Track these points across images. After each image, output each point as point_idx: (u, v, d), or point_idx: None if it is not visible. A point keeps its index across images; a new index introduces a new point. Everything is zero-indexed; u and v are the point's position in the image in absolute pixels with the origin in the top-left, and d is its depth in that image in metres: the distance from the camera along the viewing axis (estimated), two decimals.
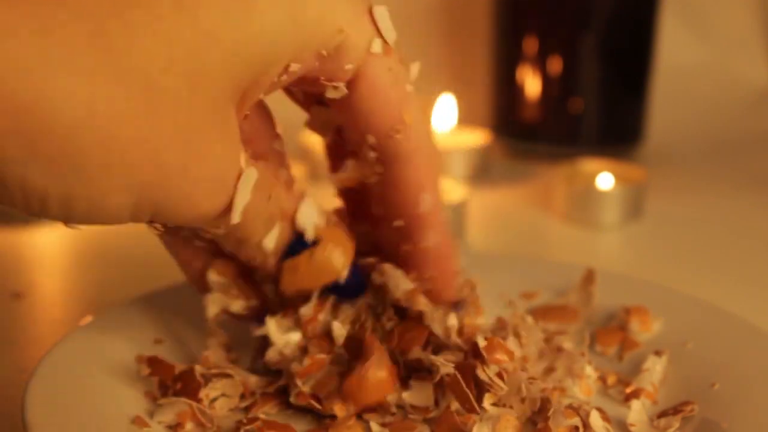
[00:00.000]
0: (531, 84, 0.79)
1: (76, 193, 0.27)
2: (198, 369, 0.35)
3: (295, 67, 0.31)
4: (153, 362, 0.36)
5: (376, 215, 0.37)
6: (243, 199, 0.31)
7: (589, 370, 0.38)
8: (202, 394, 0.35)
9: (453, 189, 0.63)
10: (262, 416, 0.35)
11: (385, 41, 0.33)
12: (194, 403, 0.34)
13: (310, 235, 0.34)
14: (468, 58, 0.94)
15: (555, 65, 0.78)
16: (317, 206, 0.35)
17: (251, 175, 0.31)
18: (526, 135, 0.81)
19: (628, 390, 0.38)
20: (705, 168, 0.80)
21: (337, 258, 0.35)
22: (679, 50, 0.95)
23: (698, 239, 0.63)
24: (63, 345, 0.37)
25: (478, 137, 0.76)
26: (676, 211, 0.69)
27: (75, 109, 0.26)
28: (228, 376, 0.36)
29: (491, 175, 0.75)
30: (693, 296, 0.44)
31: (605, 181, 0.65)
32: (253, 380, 0.37)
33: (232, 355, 0.39)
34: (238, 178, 0.31)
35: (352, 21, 0.32)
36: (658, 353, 0.39)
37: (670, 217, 0.67)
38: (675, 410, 0.35)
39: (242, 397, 0.36)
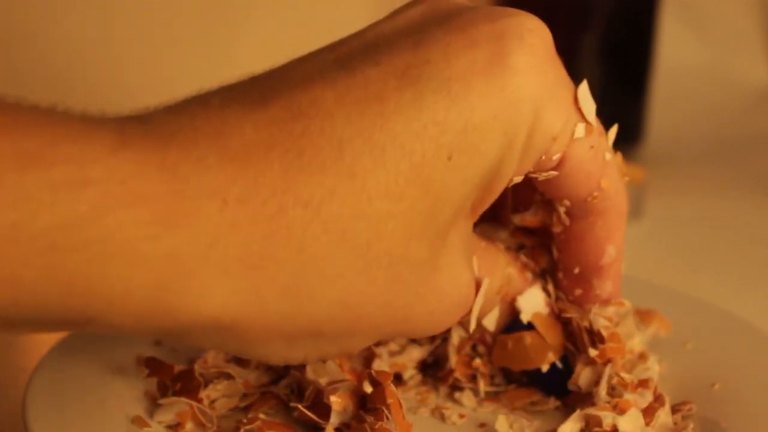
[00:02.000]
0: None
1: (328, 355, 0.31)
2: (197, 369, 0.35)
3: (518, 179, 0.32)
4: (151, 363, 0.36)
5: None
6: (478, 308, 0.34)
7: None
8: (203, 394, 0.35)
9: None
10: (262, 416, 0.35)
11: (588, 122, 0.33)
12: (194, 403, 0.34)
13: (525, 318, 0.36)
14: None
15: None
16: (542, 295, 0.37)
17: (486, 283, 0.34)
18: None
19: None
20: (705, 168, 0.80)
21: (542, 351, 0.36)
22: (679, 50, 0.95)
23: (698, 239, 0.63)
24: (63, 345, 0.37)
25: None
26: (676, 211, 0.69)
27: (324, 308, 0.28)
28: (229, 376, 0.36)
29: None
30: (693, 296, 0.44)
31: None
32: (253, 379, 0.37)
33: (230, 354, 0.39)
34: (477, 291, 0.33)
35: (560, 121, 0.32)
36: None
37: (670, 217, 0.67)
38: (674, 409, 0.35)
39: (243, 396, 0.36)
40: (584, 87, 0.33)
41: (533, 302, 0.36)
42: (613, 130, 0.35)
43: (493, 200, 0.33)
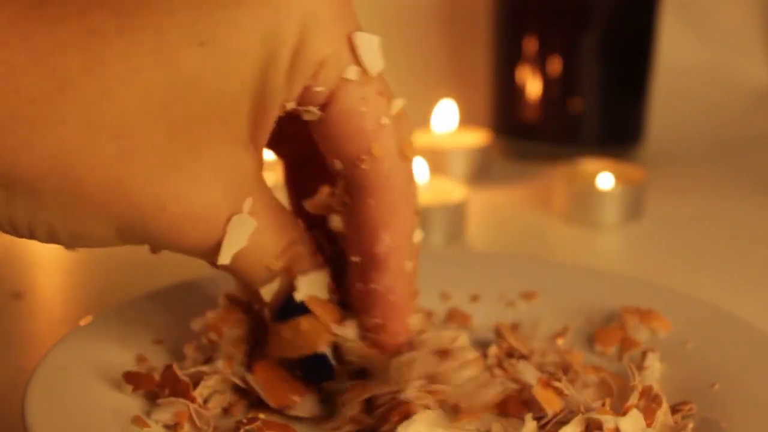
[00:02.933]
0: (531, 84, 0.79)
1: (57, 225, 0.30)
2: (177, 367, 0.35)
3: (290, 105, 0.32)
4: (131, 377, 0.35)
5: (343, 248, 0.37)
6: (234, 243, 0.32)
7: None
8: (195, 392, 0.35)
9: (453, 189, 0.63)
10: (261, 416, 0.35)
11: (363, 70, 0.32)
12: (191, 404, 0.34)
13: (298, 297, 0.34)
14: (468, 59, 0.94)
15: (555, 65, 0.78)
16: (327, 282, 0.35)
17: (246, 222, 0.32)
18: (526, 135, 0.81)
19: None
20: (705, 168, 0.80)
21: (317, 334, 0.35)
22: (679, 50, 0.95)
23: (698, 239, 0.63)
24: (63, 345, 0.37)
25: (478, 138, 0.76)
26: (676, 211, 0.69)
27: (41, 157, 0.28)
28: (215, 372, 0.36)
29: (491, 175, 0.75)
30: (693, 296, 0.44)
31: (605, 181, 0.65)
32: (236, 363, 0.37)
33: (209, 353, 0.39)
34: (228, 220, 0.32)
35: (328, 46, 0.32)
36: (646, 351, 0.39)
37: (670, 217, 0.67)
38: (674, 409, 0.35)
39: (235, 390, 0.36)
40: (369, 39, 0.32)
41: (314, 285, 0.34)
42: (399, 101, 0.34)
43: (268, 126, 0.32)
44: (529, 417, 0.34)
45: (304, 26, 0.31)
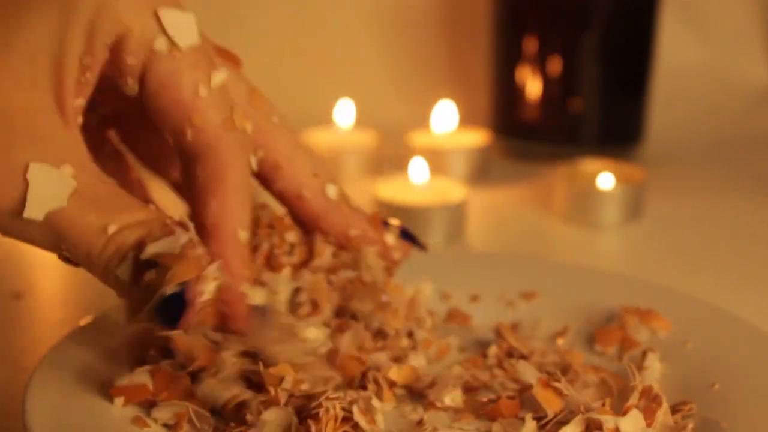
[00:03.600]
0: (531, 84, 0.79)
1: None
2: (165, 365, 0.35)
3: (87, 60, 0.32)
4: (122, 391, 0.35)
5: None
6: (43, 196, 0.31)
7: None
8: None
9: (453, 189, 0.63)
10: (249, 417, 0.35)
11: (172, 42, 0.33)
12: (191, 405, 0.34)
13: (143, 256, 0.32)
14: (468, 59, 0.94)
15: (555, 65, 0.78)
16: (179, 244, 0.32)
17: (60, 178, 0.31)
18: (526, 135, 0.81)
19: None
20: (705, 168, 0.80)
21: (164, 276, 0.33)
22: (679, 50, 0.95)
23: (698, 239, 0.63)
24: (63, 345, 0.37)
25: (478, 138, 0.76)
26: (676, 211, 0.69)
27: None
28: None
29: (491, 175, 0.75)
30: (693, 296, 0.44)
31: (605, 181, 0.65)
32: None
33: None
34: (25, 171, 0.31)
35: (132, 15, 0.33)
36: (646, 351, 0.39)
37: (670, 217, 0.67)
38: (674, 409, 0.35)
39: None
40: (181, 14, 0.33)
41: (162, 247, 0.32)
42: (220, 72, 0.34)
43: (69, 82, 0.32)
44: (529, 417, 0.34)
45: None
